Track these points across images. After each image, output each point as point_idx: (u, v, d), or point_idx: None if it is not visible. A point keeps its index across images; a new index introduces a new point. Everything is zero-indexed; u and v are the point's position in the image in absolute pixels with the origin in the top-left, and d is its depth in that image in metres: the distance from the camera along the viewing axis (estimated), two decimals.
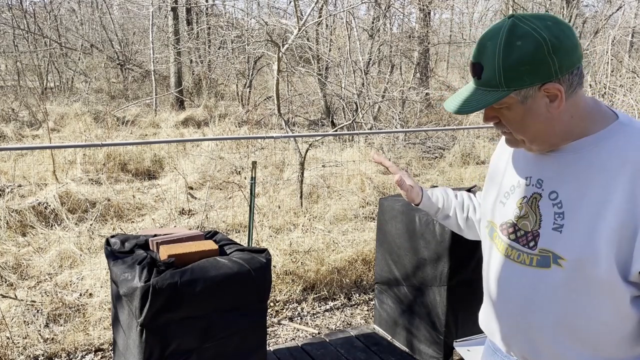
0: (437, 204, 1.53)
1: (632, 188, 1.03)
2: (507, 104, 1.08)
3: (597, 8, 14.76)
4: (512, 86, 1.04)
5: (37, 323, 3.32)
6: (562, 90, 1.04)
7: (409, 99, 10.21)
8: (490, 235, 1.29)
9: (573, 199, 1.10)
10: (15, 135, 9.24)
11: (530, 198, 1.18)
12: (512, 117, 1.10)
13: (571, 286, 1.10)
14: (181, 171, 6.67)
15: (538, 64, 1.02)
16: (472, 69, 1.10)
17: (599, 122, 1.11)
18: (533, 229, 1.15)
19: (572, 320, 1.12)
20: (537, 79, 1.04)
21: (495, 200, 1.29)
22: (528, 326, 1.18)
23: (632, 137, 1.08)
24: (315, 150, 8.34)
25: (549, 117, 1.08)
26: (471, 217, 1.51)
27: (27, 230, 4.84)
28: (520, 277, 1.17)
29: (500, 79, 1.04)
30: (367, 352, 3.09)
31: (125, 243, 2.34)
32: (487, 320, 1.33)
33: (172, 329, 2.05)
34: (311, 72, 10.88)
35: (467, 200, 1.54)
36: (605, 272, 1.05)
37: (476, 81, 1.09)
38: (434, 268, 2.88)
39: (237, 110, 12.87)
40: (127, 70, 15.64)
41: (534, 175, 1.19)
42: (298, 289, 3.89)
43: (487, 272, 1.29)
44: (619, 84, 9.93)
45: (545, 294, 1.13)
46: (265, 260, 2.24)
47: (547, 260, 1.12)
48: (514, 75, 1.03)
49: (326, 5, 11.14)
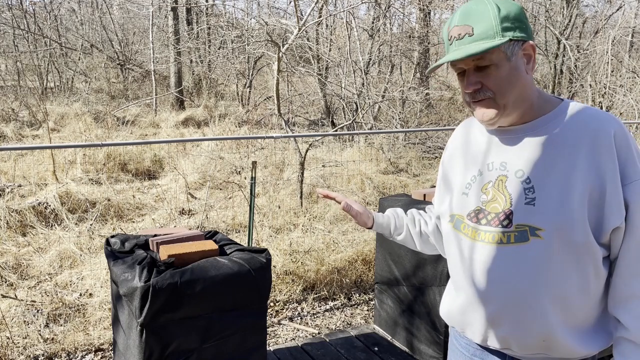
0: (390, 224, 1.54)
1: (593, 153, 1.12)
2: (496, 61, 1.14)
3: (597, 8, 14.76)
4: (507, 35, 1.12)
5: (37, 323, 3.32)
6: (535, 50, 1.16)
7: (409, 99, 10.21)
8: (457, 228, 1.29)
9: (540, 173, 1.16)
10: (15, 135, 9.25)
11: (496, 181, 1.22)
12: (499, 74, 1.15)
13: (553, 254, 1.14)
14: (181, 171, 6.67)
15: (521, 22, 1.15)
16: (460, 31, 1.15)
17: (549, 102, 1.22)
18: (504, 208, 1.19)
19: (558, 287, 1.15)
20: (522, 34, 1.14)
21: (456, 194, 1.31)
22: (517, 303, 1.18)
23: (582, 111, 1.18)
24: (315, 150, 8.34)
25: (527, 81, 1.17)
26: (424, 231, 1.52)
27: (27, 230, 4.84)
28: (501, 257, 1.19)
29: (497, 28, 1.12)
30: (367, 352, 3.09)
31: (125, 243, 2.34)
32: (462, 312, 1.30)
33: (172, 329, 2.05)
34: (311, 72, 10.88)
35: (417, 215, 1.56)
36: (581, 235, 1.12)
37: (466, 39, 1.14)
38: (434, 268, 2.88)
39: (237, 110, 12.87)
40: (127, 70, 15.64)
41: (495, 160, 1.23)
42: (298, 289, 3.89)
43: (464, 262, 1.27)
44: (619, 84, 9.93)
45: (528, 267, 1.16)
46: (265, 260, 2.24)
47: (524, 234, 1.16)
48: (509, 25, 1.13)
49: (326, 5, 11.14)
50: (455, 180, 1.34)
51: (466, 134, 1.36)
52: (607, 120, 1.14)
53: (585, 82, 10.33)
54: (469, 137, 1.34)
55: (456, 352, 1.39)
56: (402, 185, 6.88)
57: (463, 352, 1.36)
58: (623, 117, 9.33)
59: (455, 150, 1.38)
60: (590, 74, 10.48)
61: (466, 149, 1.33)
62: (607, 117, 1.15)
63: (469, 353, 1.34)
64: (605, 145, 1.11)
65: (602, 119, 1.15)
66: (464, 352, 1.36)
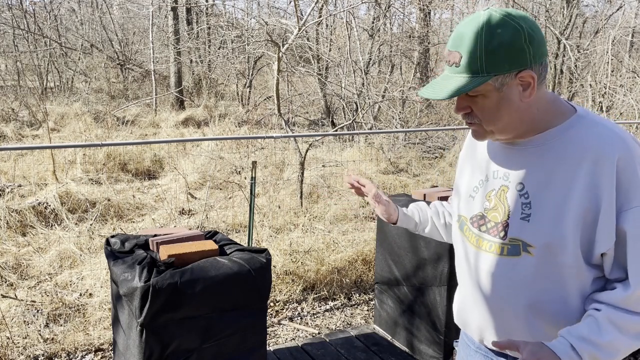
0: (414, 218, 1.56)
1: (592, 176, 1.08)
2: (483, 92, 1.10)
3: (597, 8, 14.76)
4: (492, 71, 1.07)
5: (37, 323, 3.32)
6: (535, 78, 1.09)
7: (409, 99, 10.21)
8: (461, 229, 1.33)
9: (539, 190, 1.15)
10: (15, 135, 9.25)
11: (499, 190, 1.22)
12: (486, 105, 1.12)
13: (541, 272, 1.15)
14: (181, 171, 6.67)
15: (517, 51, 1.06)
16: (449, 57, 1.12)
17: (559, 115, 1.17)
18: (502, 219, 1.20)
19: (543, 304, 1.17)
20: (515, 65, 1.07)
21: (465, 195, 1.34)
22: (502, 313, 1.23)
23: (590, 128, 1.13)
24: (315, 150, 8.34)
25: (520, 107, 1.12)
26: (449, 222, 1.55)
27: (27, 230, 4.84)
28: (493, 267, 1.22)
29: (482, 64, 1.07)
30: (367, 352, 3.09)
31: (125, 243, 2.34)
32: (462, 312, 1.37)
33: (172, 329, 2.05)
34: (311, 72, 10.88)
35: (440, 207, 1.59)
36: (571, 256, 1.11)
37: (454, 69, 1.11)
38: (434, 268, 2.88)
39: (237, 110, 12.87)
40: (127, 70, 15.64)
41: (501, 169, 1.23)
42: (298, 289, 3.89)
43: (461, 265, 1.34)
44: (619, 83, 9.93)
45: (517, 281, 1.18)
46: (265, 260, 2.24)
47: (517, 248, 1.17)
48: (495, 60, 1.06)
49: (326, 5, 11.14)
50: (463, 182, 1.37)
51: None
52: (613, 143, 1.09)
53: (586, 82, 10.33)
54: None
55: (464, 344, 1.45)
56: (402, 185, 6.88)
57: (469, 344, 1.41)
58: (623, 117, 9.33)
59: (467, 150, 1.40)
60: (591, 73, 10.48)
61: (476, 152, 1.34)
62: (613, 140, 1.09)
63: (474, 346, 1.39)
64: (606, 169, 1.07)
65: (608, 141, 1.09)
66: (470, 344, 1.41)
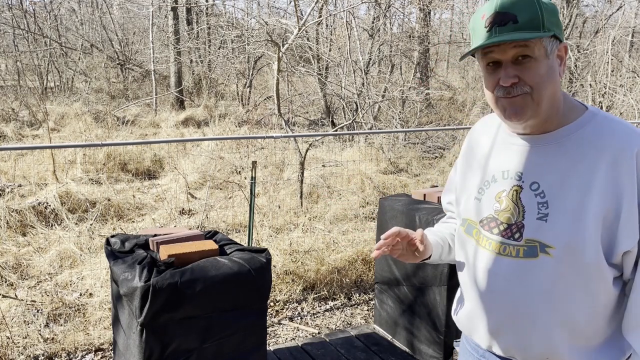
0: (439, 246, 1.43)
1: (613, 173, 1.06)
2: (537, 55, 1.09)
3: (597, 8, 14.76)
4: (552, 29, 1.09)
5: (37, 323, 3.32)
6: (567, 53, 1.13)
7: (409, 98, 10.21)
8: (469, 233, 1.27)
9: (555, 188, 1.12)
10: (15, 135, 9.25)
11: (510, 191, 1.18)
12: (537, 70, 1.10)
13: (561, 274, 1.11)
14: (181, 171, 6.67)
15: (560, 23, 1.11)
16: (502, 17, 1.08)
17: (572, 109, 1.16)
18: (517, 220, 1.16)
19: (564, 306, 1.13)
20: (560, 34, 1.11)
21: (468, 197, 1.29)
22: (520, 318, 1.17)
23: (605, 125, 1.12)
24: (315, 150, 8.34)
25: (557, 83, 1.13)
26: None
27: (27, 230, 4.84)
28: (508, 270, 1.17)
29: (543, 20, 1.07)
30: (367, 352, 3.09)
31: (126, 243, 2.34)
32: (468, 318, 1.31)
33: (172, 329, 2.05)
34: (311, 72, 10.88)
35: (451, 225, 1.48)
36: (592, 256, 1.07)
37: (509, 27, 1.07)
38: (434, 268, 2.88)
39: (237, 110, 12.86)
40: (127, 70, 15.64)
41: (511, 169, 1.19)
42: (298, 288, 3.89)
43: (471, 269, 1.27)
44: (619, 83, 9.93)
45: (535, 284, 1.13)
46: (265, 260, 2.24)
47: (534, 250, 1.13)
48: (552, 20, 1.09)
49: (326, 5, 11.14)
50: (464, 184, 1.31)
51: (483, 133, 1.32)
52: (630, 138, 1.08)
53: (586, 82, 10.33)
54: (486, 139, 1.30)
55: (466, 352, 1.39)
56: (402, 185, 6.88)
57: (472, 352, 1.36)
58: (623, 117, 9.33)
59: (467, 151, 1.35)
60: (591, 73, 10.48)
61: (477, 152, 1.30)
62: (630, 135, 1.09)
63: (477, 354, 1.33)
64: (626, 164, 1.05)
65: (625, 135, 1.09)
66: (473, 352, 1.35)
